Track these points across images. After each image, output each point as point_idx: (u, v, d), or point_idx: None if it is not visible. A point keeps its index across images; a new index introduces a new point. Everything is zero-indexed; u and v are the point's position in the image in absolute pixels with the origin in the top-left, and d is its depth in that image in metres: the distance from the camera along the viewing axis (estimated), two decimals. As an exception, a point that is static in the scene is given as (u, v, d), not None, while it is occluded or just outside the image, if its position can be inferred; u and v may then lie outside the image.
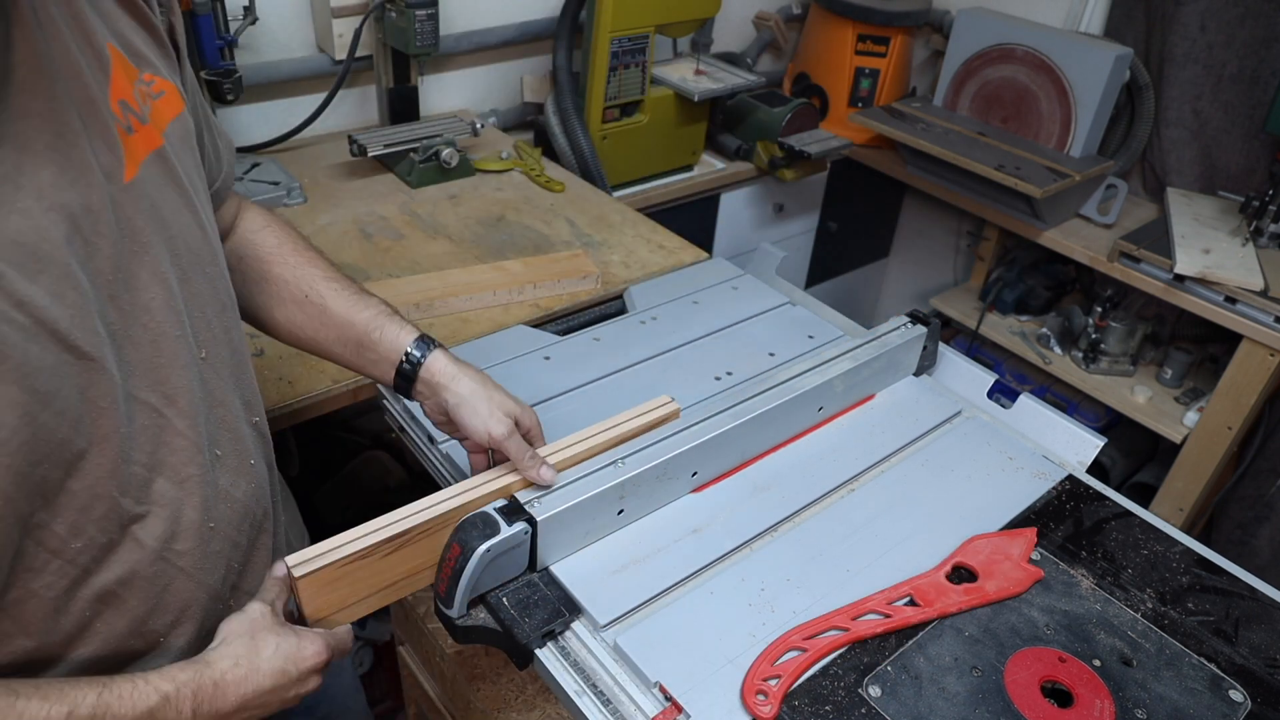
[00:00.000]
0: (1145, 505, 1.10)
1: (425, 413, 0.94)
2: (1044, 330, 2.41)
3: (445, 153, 1.80)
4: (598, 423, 0.96)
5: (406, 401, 1.13)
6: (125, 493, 0.66)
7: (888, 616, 0.86)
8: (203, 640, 0.75)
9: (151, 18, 0.69)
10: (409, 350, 0.88)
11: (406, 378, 0.89)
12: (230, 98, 1.61)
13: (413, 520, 0.82)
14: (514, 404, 0.90)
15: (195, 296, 0.72)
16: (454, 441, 1.06)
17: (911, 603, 0.88)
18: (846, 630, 0.84)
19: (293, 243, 0.92)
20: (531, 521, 0.84)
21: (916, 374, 1.23)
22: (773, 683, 0.79)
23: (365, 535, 0.79)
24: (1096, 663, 0.85)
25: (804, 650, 0.82)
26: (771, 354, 1.28)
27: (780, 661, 0.81)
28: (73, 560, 0.63)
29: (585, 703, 0.80)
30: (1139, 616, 0.90)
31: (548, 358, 1.23)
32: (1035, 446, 1.13)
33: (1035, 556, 0.96)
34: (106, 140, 0.62)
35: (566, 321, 1.40)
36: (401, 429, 1.15)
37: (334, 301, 0.89)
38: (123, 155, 0.63)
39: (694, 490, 1.00)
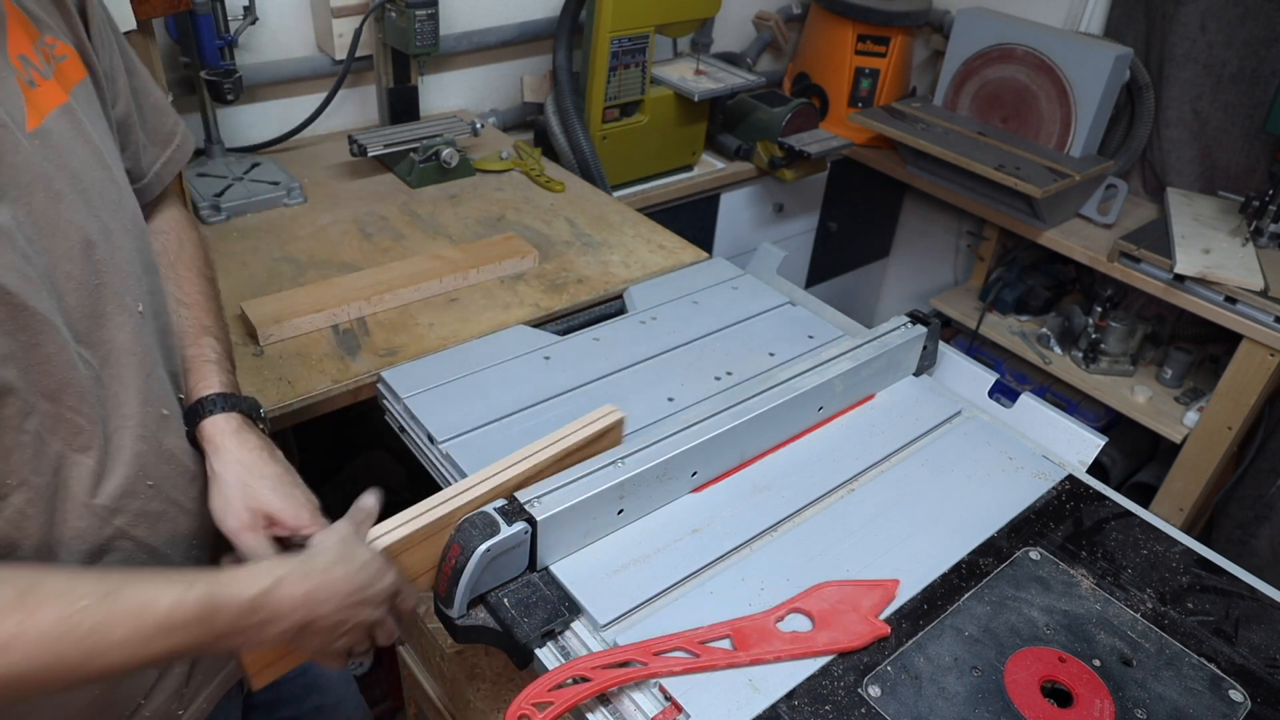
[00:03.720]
0: (1145, 505, 1.10)
1: None
2: (1044, 330, 2.41)
3: (445, 153, 1.80)
4: (545, 436, 0.94)
5: (407, 401, 1.13)
6: (56, 434, 0.66)
7: (696, 655, 0.80)
8: None
9: None
10: (194, 405, 0.82)
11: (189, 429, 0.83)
12: (230, 98, 1.61)
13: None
14: (278, 500, 0.79)
15: (120, 250, 0.72)
16: (455, 441, 1.06)
17: (730, 645, 0.82)
18: (645, 665, 0.78)
19: (175, 254, 0.89)
20: (531, 521, 0.84)
21: (916, 374, 1.23)
22: (542, 709, 0.74)
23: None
24: (1096, 663, 0.85)
25: (588, 680, 0.76)
26: (771, 354, 1.28)
27: (560, 688, 0.76)
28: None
29: (585, 702, 0.80)
30: (1139, 616, 0.90)
31: (548, 358, 1.23)
32: (1035, 446, 1.13)
33: (890, 611, 0.88)
34: (5, 89, 0.64)
35: (566, 321, 1.40)
36: (401, 429, 1.15)
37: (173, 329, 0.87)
38: (24, 105, 0.65)
39: (694, 490, 1.00)
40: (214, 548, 0.83)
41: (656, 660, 0.79)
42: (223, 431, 0.80)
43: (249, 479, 0.79)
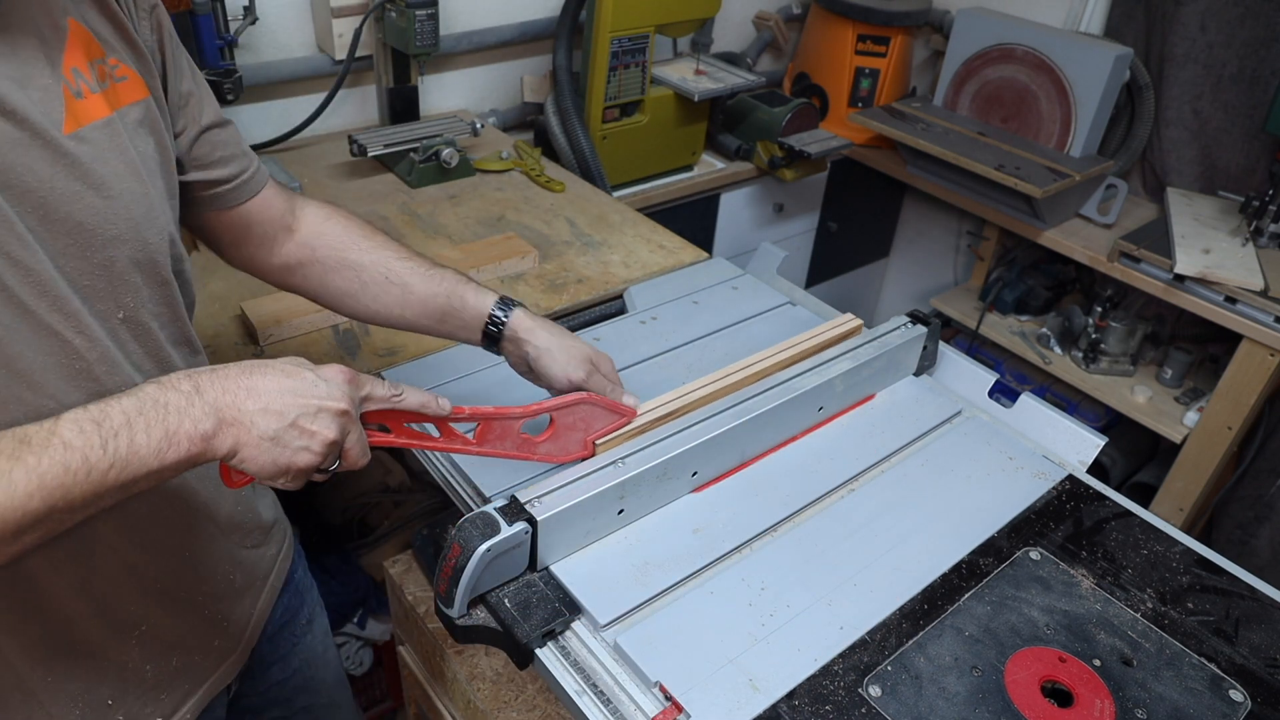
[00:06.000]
0: (1145, 505, 1.10)
1: (510, 364, 1.01)
2: (1044, 330, 2.41)
3: (445, 153, 1.80)
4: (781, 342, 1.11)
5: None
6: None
7: (437, 434, 0.85)
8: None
9: (121, 18, 0.76)
10: (493, 313, 0.97)
11: (493, 338, 0.98)
12: (230, 98, 1.61)
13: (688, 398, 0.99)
14: (589, 350, 0.99)
15: (120, 261, 0.74)
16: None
17: (473, 433, 0.88)
18: (390, 432, 0.82)
19: (359, 229, 0.98)
20: (532, 521, 0.84)
21: (917, 374, 1.23)
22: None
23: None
24: (1096, 663, 0.85)
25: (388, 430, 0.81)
26: (771, 354, 1.27)
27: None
28: None
29: (585, 702, 0.80)
30: (1139, 616, 0.90)
31: (548, 358, 1.23)
32: (1035, 446, 1.13)
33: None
34: (49, 95, 0.68)
35: (567, 321, 1.40)
36: (401, 429, 1.15)
37: (413, 279, 0.97)
38: (64, 110, 0.69)
39: (694, 490, 1.00)
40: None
41: (403, 431, 0.83)
42: (524, 322, 0.97)
43: (567, 343, 0.97)
